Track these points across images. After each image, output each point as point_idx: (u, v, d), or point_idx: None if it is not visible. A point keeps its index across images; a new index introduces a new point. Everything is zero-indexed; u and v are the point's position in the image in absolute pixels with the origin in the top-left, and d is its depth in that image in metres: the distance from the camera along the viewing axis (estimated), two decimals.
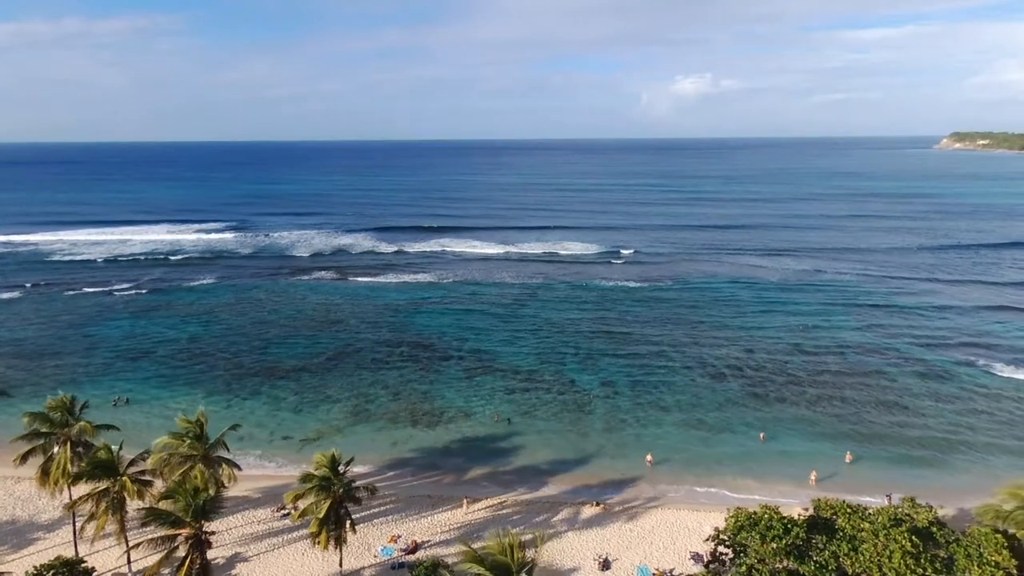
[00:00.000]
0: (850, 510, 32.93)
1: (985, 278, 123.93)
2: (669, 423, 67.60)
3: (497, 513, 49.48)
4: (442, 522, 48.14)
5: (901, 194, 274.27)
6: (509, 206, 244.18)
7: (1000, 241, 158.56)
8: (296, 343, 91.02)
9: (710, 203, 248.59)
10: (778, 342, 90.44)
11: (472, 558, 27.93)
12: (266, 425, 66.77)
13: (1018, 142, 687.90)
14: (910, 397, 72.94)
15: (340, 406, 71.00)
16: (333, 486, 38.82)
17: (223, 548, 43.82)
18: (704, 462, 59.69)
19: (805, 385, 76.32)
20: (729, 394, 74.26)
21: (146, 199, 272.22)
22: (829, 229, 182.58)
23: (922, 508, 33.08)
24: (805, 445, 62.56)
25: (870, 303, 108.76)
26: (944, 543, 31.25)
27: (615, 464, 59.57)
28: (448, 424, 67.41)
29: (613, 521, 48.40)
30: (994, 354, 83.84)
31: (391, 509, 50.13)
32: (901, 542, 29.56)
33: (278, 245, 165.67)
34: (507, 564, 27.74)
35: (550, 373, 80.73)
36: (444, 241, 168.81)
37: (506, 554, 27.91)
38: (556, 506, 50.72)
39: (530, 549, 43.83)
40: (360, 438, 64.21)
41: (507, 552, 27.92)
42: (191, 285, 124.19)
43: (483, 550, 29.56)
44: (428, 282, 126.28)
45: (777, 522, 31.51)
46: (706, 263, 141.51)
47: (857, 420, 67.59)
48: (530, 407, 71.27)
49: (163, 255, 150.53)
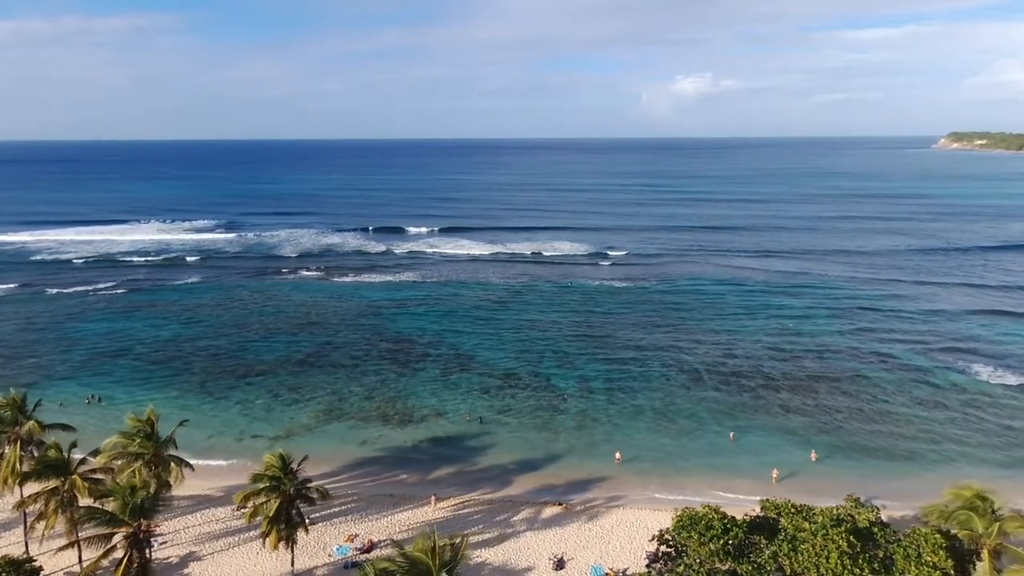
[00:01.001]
0: (794, 510, 32.79)
1: (972, 281, 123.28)
2: (642, 423, 67.43)
3: (458, 513, 49.35)
4: (401, 521, 48.02)
5: (894, 195, 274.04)
6: (502, 206, 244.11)
7: (988, 244, 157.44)
8: (275, 342, 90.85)
9: (704, 203, 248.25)
10: (758, 343, 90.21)
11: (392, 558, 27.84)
12: (236, 424, 66.64)
13: (1015, 142, 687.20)
14: (884, 398, 72.75)
15: (312, 405, 70.85)
16: (283, 485, 38.67)
17: (178, 547, 43.72)
18: (672, 462, 59.57)
19: (781, 386, 76.13)
20: (704, 394, 74.09)
21: (138, 198, 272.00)
22: (819, 231, 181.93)
23: (864, 509, 32.94)
24: (774, 445, 62.39)
25: (854, 305, 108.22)
26: (884, 543, 31.09)
27: (583, 464, 59.43)
28: (419, 423, 67.27)
29: (573, 521, 48.28)
30: (974, 357, 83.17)
31: (352, 508, 50.00)
32: (838, 542, 29.41)
33: (267, 244, 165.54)
34: (427, 563, 27.65)
35: (527, 373, 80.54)
36: (433, 241, 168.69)
37: (428, 555, 27.82)
38: (518, 506, 50.58)
39: (483, 550, 43.96)
40: (329, 437, 64.14)
41: (429, 553, 27.83)
42: (175, 284, 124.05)
43: (410, 550, 29.42)
44: (412, 281, 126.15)
45: (717, 522, 31.37)
46: (695, 264, 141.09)
47: (829, 421, 67.42)
48: (503, 407, 71.13)
49: (150, 254, 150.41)
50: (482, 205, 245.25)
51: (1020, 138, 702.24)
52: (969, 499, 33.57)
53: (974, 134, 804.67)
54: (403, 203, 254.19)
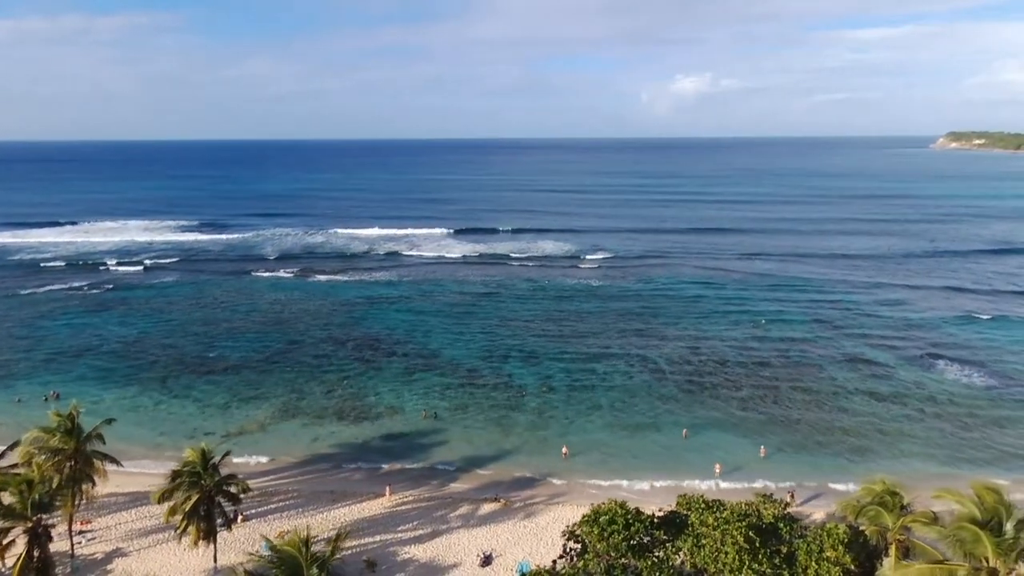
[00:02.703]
0: (704, 505, 32.62)
1: (951, 283, 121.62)
2: (598, 420, 67.29)
3: (394, 510, 49.22)
4: (336, 518, 47.89)
5: (884, 195, 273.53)
6: (489, 206, 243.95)
7: (972, 247, 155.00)
8: (242, 340, 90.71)
9: (693, 204, 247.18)
10: (726, 342, 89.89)
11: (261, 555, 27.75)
12: (190, 421, 66.49)
13: (1013, 142, 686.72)
14: (845, 396, 72.51)
15: (270, 403, 70.70)
16: (203, 481, 38.54)
17: (105, 543, 43.62)
18: (622, 458, 59.42)
19: (742, 384, 75.93)
20: (665, 391, 73.95)
21: (126, 198, 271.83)
22: (805, 233, 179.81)
23: (772, 503, 32.76)
24: (727, 441, 62.28)
25: (830, 305, 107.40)
26: (788, 539, 30.93)
27: (532, 460, 59.30)
28: (375, 420, 67.15)
29: (511, 517, 48.15)
30: (944, 358, 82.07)
31: (291, 505, 49.90)
32: (736, 537, 29.23)
33: (249, 244, 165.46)
34: (297, 559, 27.55)
35: (490, 371, 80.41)
36: (416, 240, 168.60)
37: (299, 550, 27.73)
38: (457, 503, 50.47)
39: (412, 547, 43.72)
40: (282, 434, 64.04)
41: (300, 549, 27.74)
42: (152, 282, 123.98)
43: (280, 544, 29.30)
44: (389, 280, 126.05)
45: (620, 517, 31.21)
46: (676, 265, 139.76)
47: (785, 418, 67.29)
48: (462, 404, 70.98)
49: (129, 254, 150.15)
50: (468, 205, 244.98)
51: (1018, 138, 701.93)
52: (879, 494, 33.39)
53: (972, 134, 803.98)
54: (390, 203, 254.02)
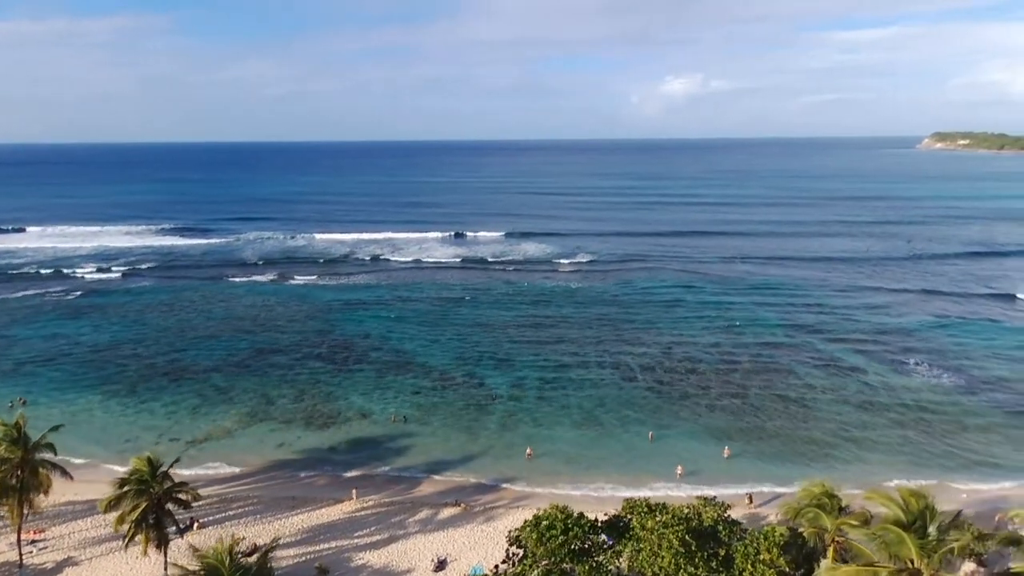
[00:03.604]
0: (646, 509, 32.83)
1: (927, 286, 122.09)
2: (566, 423, 67.48)
3: (354, 515, 49.23)
4: (294, 524, 47.85)
5: (866, 196, 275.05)
6: (475, 208, 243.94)
7: (948, 250, 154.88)
8: (215, 345, 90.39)
9: (678, 207, 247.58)
10: (700, 344, 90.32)
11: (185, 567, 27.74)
12: (158, 427, 66.17)
13: (996, 142, 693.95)
14: (813, 397, 73.09)
15: (239, 408, 70.50)
16: (151, 488, 38.44)
17: (57, 552, 43.43)
18: (586, 461, 59.65)
19: (712, 385, 76.40)
20: (635, 393, 74.28)
21: (110, 202, 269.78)
22: (786, 235, 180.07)
23: (712, 506, 33.03)
24: (692, 443, 62.69)
25: (805, 307, 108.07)
26: (727, 541, 31.19)
27: (497, 464, 59.49)
28: (342, 425, 67.10)
29: (469, 522, 48.26)
30: (914, 360, 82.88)
31: (250, 511, 49.81)
32: (672, 540, 29.46)
33: (230, 247, 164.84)
34: (219, 569, 27.58)
35: (462, 374, 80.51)
36: (399, 244, 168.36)
37: (221, 559, 27.75)
38: (417, 507, 50.54)
39: (367, 552, 43.69)
40: (248, 440, 63.88)
41: (223, 559, 27.77)
42: (129, 287, 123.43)
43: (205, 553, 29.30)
44: (368, 284, 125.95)
45: (559, 522, 31.38)
46: (656, 268, 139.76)
47: (752, 417, 67.78)
48: (431, 407, 71.05)
49: (108, 258, 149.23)
50: (454, 208, 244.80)
51: (1001, 138, 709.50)
52: (817, 496, 33.76)
53: (957, 134, 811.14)
54: (376, 206, 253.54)
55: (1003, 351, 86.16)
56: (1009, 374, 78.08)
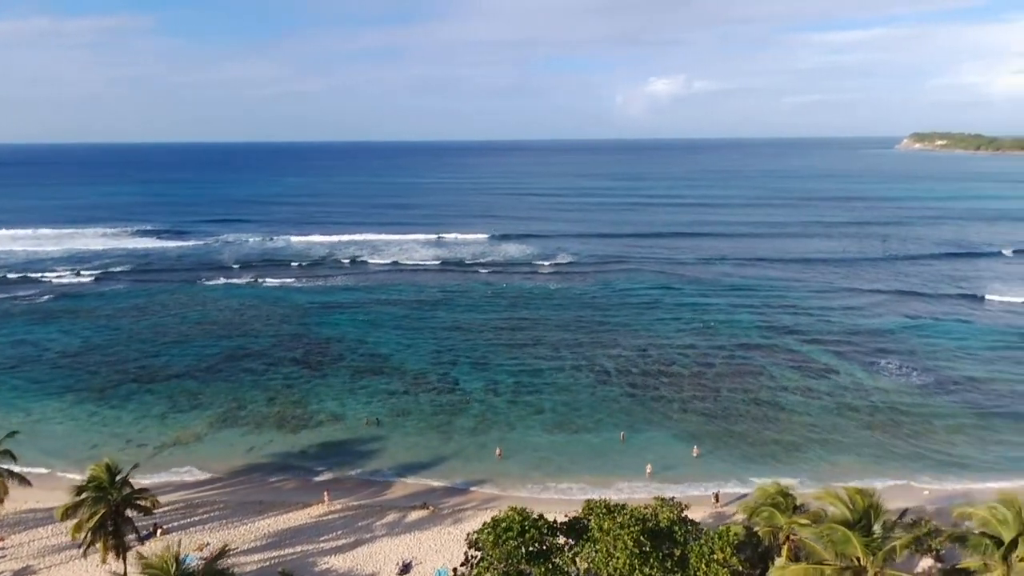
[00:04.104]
0: (604, 510, 32.99)
1: (899, 286, 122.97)
2: (538, 425, 67.62)
3: (321, 520, 49.01)
4: (261, 528, 47.53)
5: (844, 196, 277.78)
6: (457, 210, 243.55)
7: (921, 251, 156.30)
8: (189, 348, 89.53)
9: (660, 208, 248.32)
10: (675, 344, 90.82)
11: None
12: (125, 433, 65.38)
13: (972, 143, 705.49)
14: (784, 396, 73.83)
15: (209, 412, 69.87)
16: (109, 495, 38.03)
17: (15, 561, 42.78)
18: (557, 462, 59.81)
19: (685, 385, 76.92)
20: (608, 395, 74.58)
21: (88, 203, 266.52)
22: (765, 236, 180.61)
23: (668, 507, 33.27)
24: (663, 443, 63.08)
25: (781, 307, 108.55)
26: (683, 541, 31.44)
27: (468, 466, 59.50)
28: (314, 428, 66.75)
29: (436, 524, 48.21)
30: (885, 358, 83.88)
31: (216, 516, 49.39)
32: (626, 541, 29.66)
33: (207, 249, 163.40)
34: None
35: (437, 376, 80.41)
36: (378, 245, 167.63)
37: (167, 568, 27.61)
38: (385, 510, 50.41)
39: (332, 557, 43.58)
40: (218, 444, 63.35)
41: (167, 566, 27.63)
42: (102, 291, 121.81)
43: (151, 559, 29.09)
44: (346, 286, 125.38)
45: (516, 524, 31.47)
46: (636, 268, 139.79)
47: (723, 418, 68.28)
48: (405, 410, 70.88)
49: (82, 261, 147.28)
50: (437, 210, 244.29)
51: (977, 139, 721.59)
52: (772, 495, 34.15)
53: (935, 135, 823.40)
54: (358, 207, 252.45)
55: (972, 351, 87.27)
56: (977, 374, 79.11)
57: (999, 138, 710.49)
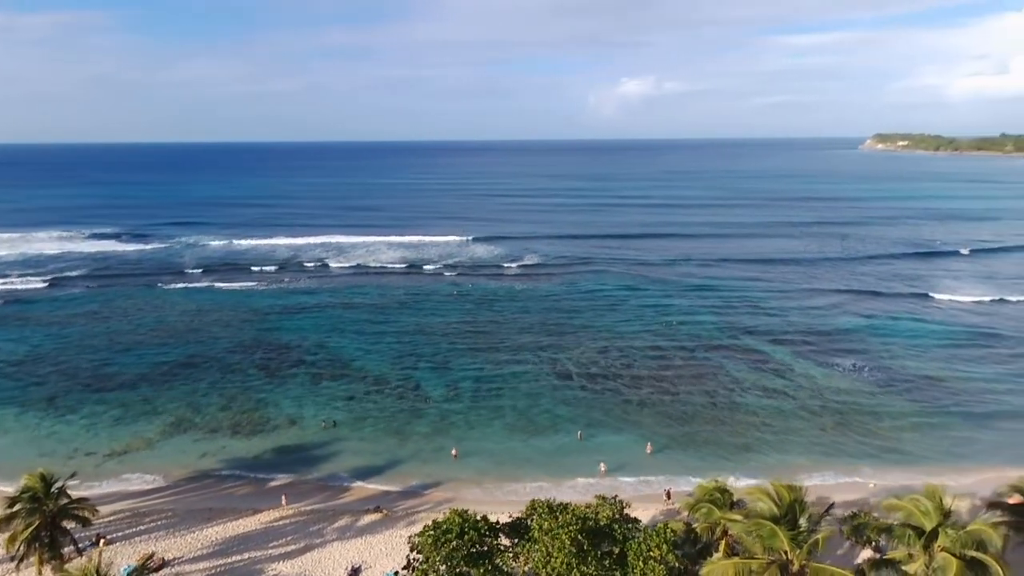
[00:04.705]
0: (546, 510, 33.21)
1: (857, 285, 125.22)
2: (497, 425, 67.78)
3: (271, 526, 48.42)
4: (208, 536, 46.78)
5: (806, 197, 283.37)
6: (425, 211, 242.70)
7: (878, 252, 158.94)
8: (144, 353, 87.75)
9: (628, 208, 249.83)
10: (636, 344, 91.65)
11: None
12: (74, 441, 63.79)
13: (932, 143, 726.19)
14: (740, 393, 75.10)
15: (163, 418, 68.55)
16: (45, 506, 37.11)
17: None
18: (514, 462, 60.00)
19: (644, 383, 77.76)
20: (568, 394, 75.03)
21: (44, 205, 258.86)
22: (729, 236, 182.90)
23: (608, 505, 33.63)
24: (619, 440, 63.73)
25: (743, 306, 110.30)
26: (622, 540, 31.80)
27: (424, 468, 59.35)
28: (270, 433, 65.93)
29: (388, 528, 47.98)
30: (840, 356, 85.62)
31: (163, 525, 48.47)
32: (564, 541, 29.92)
33: (168, 252, 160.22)
34: None
35: (398, 378, 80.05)
36: (344, 247, 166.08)
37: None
38: (338, 515, 50.01)
39: (280, 563, 43.11)
40: (169, 451, 62.19)
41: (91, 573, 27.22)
42: (56, 295, 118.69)
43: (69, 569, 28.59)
44: (309, 289, 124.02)
45: (455, 526, 31.54)
46: (602, 269, 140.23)
47: (679, 415, 69.19)
48: (364, 412, 70.44)
49: (37, 264, 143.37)
50: (404, 211, 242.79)
51: (937, 139, 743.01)
52: (710, 491, 34.77)
53: (897, 135, 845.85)
54: (323, 209, 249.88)
55: (925, 349, 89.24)
56: (929, 372, 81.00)
57: (957, 139, 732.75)
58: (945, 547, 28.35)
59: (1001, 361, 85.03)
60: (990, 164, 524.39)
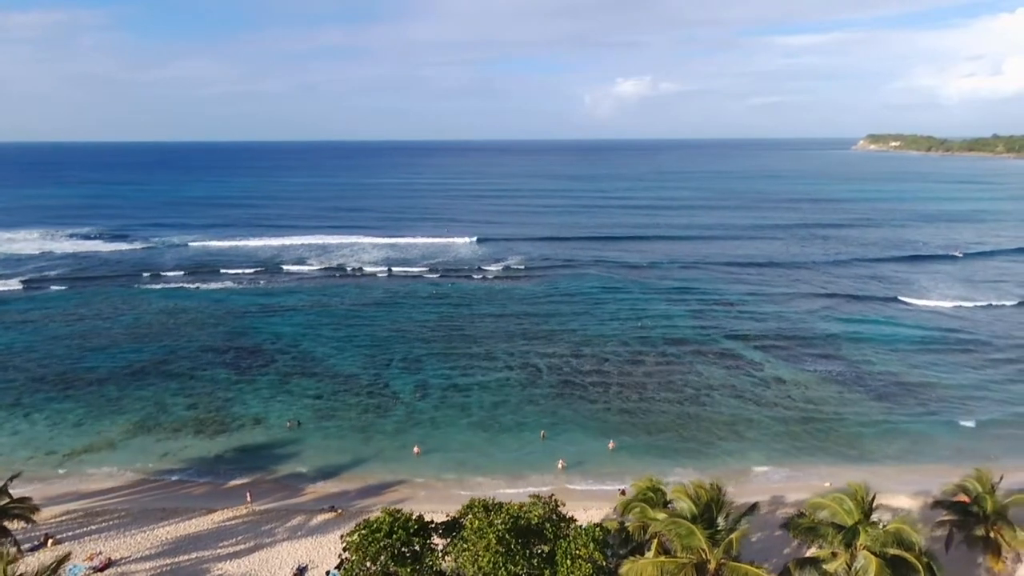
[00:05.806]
0: (482, 508, 33.30)
1: (833, 288, 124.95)
2: (464, 424, 67.89)
3: (224, 525, 48.43)
4: (159, 536, 46.74)
5: (794, 198, 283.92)
6: (412, 211, 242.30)
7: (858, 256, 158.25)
8: (116, 353, 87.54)
9: (613, 209, 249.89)
10: (609, 344, 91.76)
11: None
12: (35, 442, 63.57)
13: (924, 144, 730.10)
14: (707, 391, 75.45)
15: (128, 417, 68.44)
16: None
17: None
18: (475, 461, 60.18)
19: (612, 382, 78.03)
20: (537, 393, 75.21)
21: (29, 205, 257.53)
22: (713, 238, 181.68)
23: (541, 504, 33.74)
24: (582, 438, 63.98)
25: (719, 307, 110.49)
26: (552, 539, 31.94)
27: (387, 466, 59.47)
28: (234, 432, 65.90)
29: (341, 527, 47.71)
30: (808, 358, 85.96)
31: (115, 524, 48.41)
32: (490, 540, 30.04)
33: (149, 252, 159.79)
34: None
35: (368, 377, 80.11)
36: (327, 247, 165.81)
37: None
38: (292, 514, 50.06)
39: (227, 563, 43.20)
40: (131, 450, 62.07)
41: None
42: (32, 295, 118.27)
43: None
44: (288, 289, 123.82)
45: (385, 525, 31.63)
46: (583, 270, 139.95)
47: (645, 414, 69.49)
48: (330, 412, 70.48)
49: (15, 263, 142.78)
50: (390, 212, 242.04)
51: (929, 140, 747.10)
52: (644, 491, 34.94)
53: (889, 136, 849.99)
54: (310, 209, 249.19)
55: (897, 352, 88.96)
56: (896, 374, 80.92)
57: (949, 140, 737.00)
58: (866, 545, 28.61)
59: (975, 366, 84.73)
60: (979, 165, 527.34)
